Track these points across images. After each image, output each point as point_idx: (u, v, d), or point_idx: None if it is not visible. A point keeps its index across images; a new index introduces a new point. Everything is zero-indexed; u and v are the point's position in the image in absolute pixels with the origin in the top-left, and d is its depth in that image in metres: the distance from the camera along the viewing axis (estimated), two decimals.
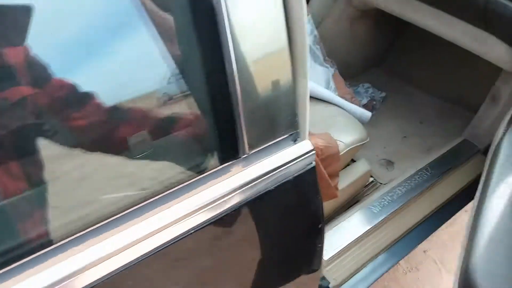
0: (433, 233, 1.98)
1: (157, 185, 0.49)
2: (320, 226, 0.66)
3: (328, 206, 1.29)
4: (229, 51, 0.47)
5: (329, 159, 1.20)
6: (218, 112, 0.51)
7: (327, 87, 1.52)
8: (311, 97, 1.39)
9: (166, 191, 0.49)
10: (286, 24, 0.55)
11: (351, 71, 1.80)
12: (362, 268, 1.24)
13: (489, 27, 1.22)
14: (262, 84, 0.53)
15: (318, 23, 1.61)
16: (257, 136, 0.55)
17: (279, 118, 0.56)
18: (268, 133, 0.56)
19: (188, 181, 0.51)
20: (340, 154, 1.23)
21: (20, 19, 0.37)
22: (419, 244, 1.45)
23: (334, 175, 1.24)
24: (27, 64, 0.38)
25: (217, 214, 0.52)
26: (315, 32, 1.54)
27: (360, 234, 1.28)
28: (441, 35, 1.39)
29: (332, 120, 1.33)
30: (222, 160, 0.53)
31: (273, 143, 0.56)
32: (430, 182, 1.44)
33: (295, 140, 0.59)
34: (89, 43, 0.42)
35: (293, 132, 0.58)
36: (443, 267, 1.80)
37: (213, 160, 0.52)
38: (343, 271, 1.21)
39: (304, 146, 0.59)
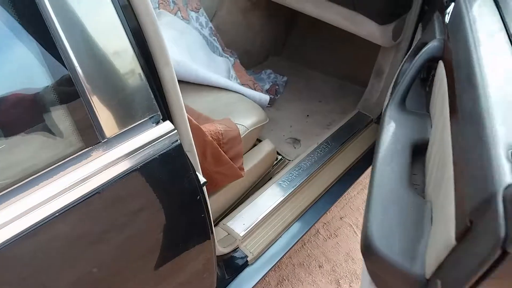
0: (347, 200, 2.16)
1: (16, 174, 0.53)
2: (198, 197, 0.73)
3: (240, 185, 1.37)
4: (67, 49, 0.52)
5: (230, 142, 1.28)
6: (70, 100, 0.55)
7: (228, 76, 1.60)
8: (214, 87, 1.47)
9: (24, 179, 0.54)
10: (136, 20, 0.61)
11: (253, 60, 1.90)
12: (277, 239, 1.33)
13: (357, 7, 1.37)
14: (112, 76, 0.59)
15: (212, 16, 1.68)
16: (115, 121, 0.60)
17: (135, 103, 0.62)
18: (127, 117, 0.61)
19: (47, 168, 0.55)
20: (242, 136, 1.31)
21: None
22: (327, 210, 1.59)
23: (238, 157, 1.32)
24: None
25: (81, 196, 0.57)
26: (210, 25, 1.61)
27: (272, 207, 1.37)
28: (322, 19, 1.53)
29: (233, 106, 1.41)
30: (82, 146, 0.58)
31: (133, 126, 0.62)
32: (331, 153, 1.58)
33: (157, 122, 0.65)
34: None
35: (153, 115, 0.65)
36: (358, 230, 1.97)
37: (72, 147, 0.57)
38: (259, 244, 1.29)
39: (165, 127, 0.65)
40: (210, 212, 0.76)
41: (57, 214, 0.55)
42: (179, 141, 0.66)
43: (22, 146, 0.54)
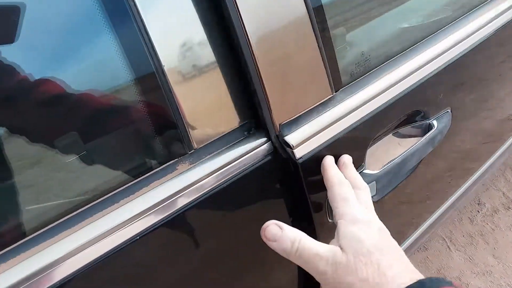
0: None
1: (97, 188, 0.45)
2: (291, 220, 0.62)
3: None
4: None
5: None
6: (153, 106, 0.46)
7: None
8: None
9: (105, 195, 0.45)
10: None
11: None
12: None
13: None
14: (201, 77, 0.48)
15: None
16: (204, 130, 0.50)
17: (225, 109, 0.51)
18: (215, 125, 0.51)
19: (127, 184, 0.46)
20: None
21: None
22: None
23: None
24: None
25: (165, 217, 0.47)
26: None
27: None
28: None
29: None
30: (166, 158, 0.49)
31: (223, 135, 0.52)
32: None
33: (248, 131, 0.54)
34: None
35: (245, 122, 0.53)
36: (452, 244, 1.76)
37: (156, 159, 0.48)
38: None
39: (258, 136, 0.54)
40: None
41: (137, 237, 0.46)
42: (270, 157, 0.55)
43: (99, 156, 0.46)
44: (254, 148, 0.53)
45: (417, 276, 0.45)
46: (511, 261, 1.67)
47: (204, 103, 0.49)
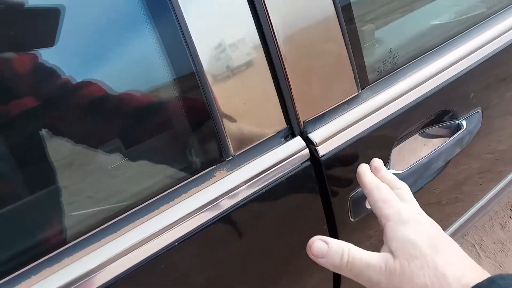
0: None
1: (138, 194, 0.47)
2: (324, 227, 0.62)
3: None
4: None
5: None
6: (194, 114, 0.47)
7: None
8: None
9: (145, 202, 0.47)
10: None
11: None
12: None
13: None
14: (239, 83, 0.49)
15: None
16: (241, 136, 0.51)
17: (263, 115, 0.51)
18: (252, 132, 0.52)
19: (168, 190, 0.48)
20: None
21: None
22: None
23: None
24: None
25: (203, 223, 0.49)
26: None
27: None
28: None
29: None
30: (204, 165, 0.50)
31: (259, 143, 0.52)
32: None
33: (286, 137, 0.54)
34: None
35: (282, 129, 0.54)
36: (482, 251, 1.71)
37: (194, 165, 0.49)
38: None
39: (295, 143, 0.54)
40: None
41: (176, 243, 0.48)
42: (309, 162, 0.55)
43: (139, 162, 0.47)
44: (291, 155, 0.53)
45: (481, 272, 0.39)
46: None
47: (242, 111, 0.50)
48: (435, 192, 0.84)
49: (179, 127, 0.48)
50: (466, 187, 0.99)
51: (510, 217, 1.81)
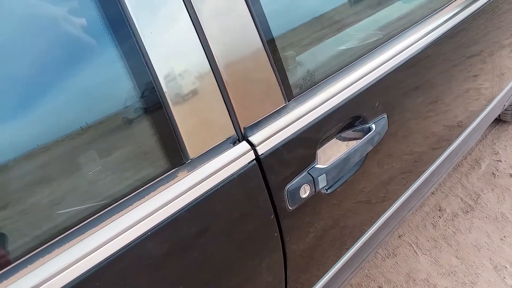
0: (406, 218, 2.11)
1: (115, 194, 0.59)
2: (272, 216, 0.77)
3: None
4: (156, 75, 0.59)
5: None
6: (158, 127, 0.61)
7: None
8: None
9: (122, 199, 0.59)
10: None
11: None
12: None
13: None
14: (192, 100, 0.64)
15: None
16: (197, 143, 0.65)
17: (214, 124, 0.67)
18: (207, 139, 0.66)
19: (140, 189, 0.61)
20: None
21: None
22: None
23: None
24: None
25: (170, 215, 0.62)
26: None
27: None
28: None
29: None
30: (169, 167, 0.63)
31: (213, 147, 0.67)
32: None
33: (233, 143, 0.70)
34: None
35: (230, 136, 0.69)
36: (418, 249, 1.93)
37: (160, 168, 0.63)
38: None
39: (242, 147, 0.69)
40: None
41: (148, 233, 0.60)
42: (255, 161, 0.71)
43: (116, 166, 0.60)
44: (239, 157, 0.68)
45: None
46: (473, 261, 1.85)
47: (197, 122, 0.64)
48: (364, 191, 1.02)
49: (146, 138, 0.61)
50: (392, 186, 1.19)
51: (440, 216, 2.06)
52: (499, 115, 2.33)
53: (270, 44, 0.71)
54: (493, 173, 2.23)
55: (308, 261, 0.94)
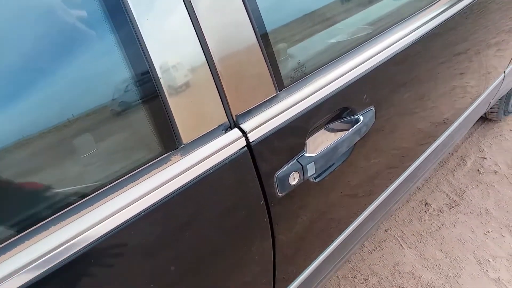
0: (391, 213, 2.16)
1: (110, 175, 0.62)
2: (261, 202, 0.80)
3: None
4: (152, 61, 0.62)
5: None
6: (154, 112, 0.64)
7: None
8: None
9: (116, 180, 0.62)
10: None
11: None
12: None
13: None
14: (186, 87, 0.67)
15: None
16: (190, 129, 0.68)
17: (207, 110, 0.70)
18: (200, 125, 0.69)
19: (134, 171, 0.63)
20: None
21: None
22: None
23: None
24: None
25: (163, 197, 0.65)
26: None
27: None
28: None
29: None
30: (163, 151, 0.66)
31: (206, 133, 0.70)
32: None
33: (225, 130, 0.73)
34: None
35: (222, 123, 0.72)
36: (404, 243, 1.98)
37: (154, 152, 0.65)
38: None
39: (233, 134, 0.72)
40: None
41: (142, 213, 0.63)
42: (246, 148, 0.73)
43: (112, 149, 0.63)
44: (230, 143, 0.71)
45: None
46: (457, 255, 1.91)
47: (190, 109, 0.67)
48: (351, 184, 1.06)
49: (142, 124, 0.64)
50: (378, 180, 1.23)
51: (425, 211, 2.12)
52: (485, 114, 2.39)
53: (263, 37, 0.74)
54: (478, 170, 2.29)
55: (296, 250, 0.98)
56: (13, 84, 0.53)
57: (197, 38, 0.66)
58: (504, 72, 1.72)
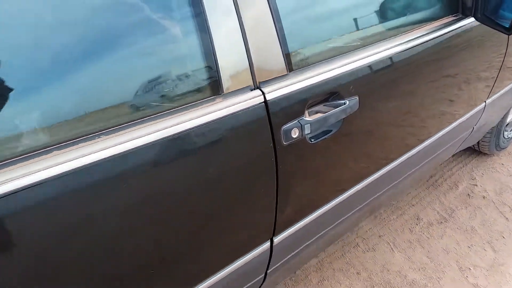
0: (386, 221, 2.47)
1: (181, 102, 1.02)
2: (271, 144, 1.18)
3: None
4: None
5: None
6: (210, 76, 1.06)
7: None
8: None
9: (183, 105, 1.03)
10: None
11: None
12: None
13: None
14: (233, 64, 1.08)
15: None
16: (230, 84, 1.09)
17: (242, 76, 1.11)
18: (236, 84, 1.10)
19: (195, 102, 1.04)
20: None
21: None
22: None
23: None
24: None
25: (208, 121, 1.04)
26: None
27: None
28: None
29: None
30: (211, 94, 1.07)
31: (239, 89, 1.10)
32: None
33: (251, 89, 1.13)
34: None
35: (249, 85, 1.13)
36: (395, 247, 2.27)
37: (207, 94, 1.06)
38: None
39: (256, 92, 1.13)
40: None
41: (194, 128, 1.02)
42: (263, 103, 1.13)
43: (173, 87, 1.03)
44: (254, 97, 1.12)
45: None
46: (441, 261, 2.19)
47: (233, 74, 1.08)
48: (341, 153, 1.43)
49: (203, 77, 1.05)
50: (367, 159, 1.59)
51: (417, 224, 2.42)
52: (478, 147, 2.73)
53: (282, 41, 1.17)
54: (469, 194, 2.60)
55: (295, 197, 1.34)
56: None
57: (243, 42, 1.10)
58: (485, 101, 2.09)
